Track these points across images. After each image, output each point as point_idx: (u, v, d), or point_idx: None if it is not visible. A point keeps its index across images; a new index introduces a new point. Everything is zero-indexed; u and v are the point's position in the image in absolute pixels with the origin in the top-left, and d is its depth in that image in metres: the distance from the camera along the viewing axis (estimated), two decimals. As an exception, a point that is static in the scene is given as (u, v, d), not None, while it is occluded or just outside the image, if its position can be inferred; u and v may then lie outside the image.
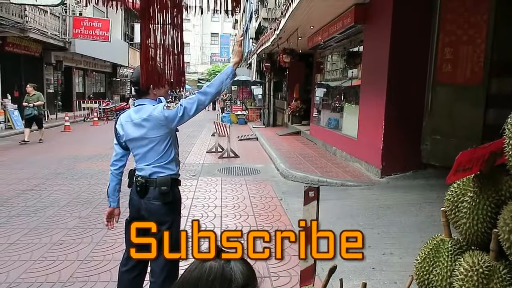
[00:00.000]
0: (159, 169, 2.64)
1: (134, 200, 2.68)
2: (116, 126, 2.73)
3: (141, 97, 2.70)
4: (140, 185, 2.61)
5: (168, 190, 2.62)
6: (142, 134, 2.62)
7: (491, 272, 1.43)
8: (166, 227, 2.63)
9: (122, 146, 2.75)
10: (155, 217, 2.60)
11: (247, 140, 13.85)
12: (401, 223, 4.97)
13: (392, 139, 7.23)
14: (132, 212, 2.72)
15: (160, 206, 2.61)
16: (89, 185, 6.95)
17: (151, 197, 2.61)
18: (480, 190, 1.56)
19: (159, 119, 2.58)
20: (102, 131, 16.12)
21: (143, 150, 2.64)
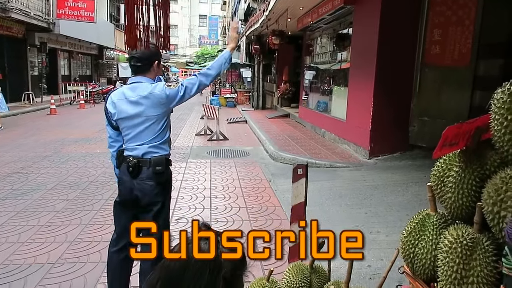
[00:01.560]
0: (154, 149, 2.60)
1: (125, 181, 2.60)
2: (107, 105, 2.64)
3: (139, 74, 2.63)
4: (132, 165, 2.54)
5: (163, 170, 2.59)
6: (139, 112, 2.55)
7: (474, 244, 1.46)
8: (158, 207, 2.64)
9: (113, 127, 2.68)
10: (148, 198, 2.59)
11: (236, 123, 13.81)
12: (388, 203, 5.05)
13: (380, 121, 7.28)
14: (124, 193, 2.65)
15: (153, 187, 2.58)
16: (76, 168, 6.88)
17: (144, 177, 2.56)
18: (466, 164, 1.59)
19: (160, 97, 2.55)
20: (89, 114, 15.90)
21: (138, 129, 2.57)
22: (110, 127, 2.70)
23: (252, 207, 5.03)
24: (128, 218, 2.65)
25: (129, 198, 2.62)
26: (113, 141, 2.73)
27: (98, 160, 7.55)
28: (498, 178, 1.42)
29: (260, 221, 4.53)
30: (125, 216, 2.67)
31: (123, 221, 2.67)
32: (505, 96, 1.46)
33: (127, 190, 2.61)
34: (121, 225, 2.70)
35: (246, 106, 19.53)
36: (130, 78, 2.69)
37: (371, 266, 3.48)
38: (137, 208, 2.65)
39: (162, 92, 2.54)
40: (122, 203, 2.68)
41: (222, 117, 12.10)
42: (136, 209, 2.65)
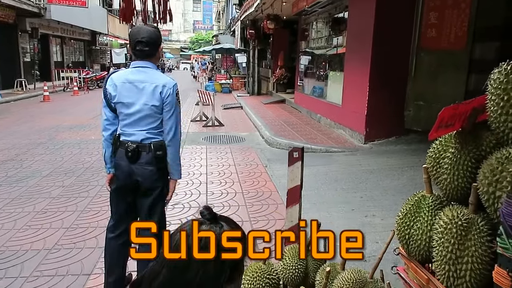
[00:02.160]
0: (153, 135, 2.55)
1: (123, 166, 2.54)
2: (107, 87, 2.54)
3: (144, 58, 2.54)
4: (131, 150, 2.49)
5: (163, 155, 2.55)
6: (141, 99, 2.48)
7: (469, 225, 1.47)
8: (158, 191, 2.62)
9: (111, 109, 2.58)
10: (149, 182, 2.56)
11: (232, 109, 13.75)
12: (383, 187, 5.07)
13: (376, 106, 7.27)
14: (122, 178, 2.59)
15: (154, 172, 2.54)
16: (71, 155, 6.84)
17: (143, 162, 2.52)
18: (461, 146, 1.58)
19: (162, 96, 2.50)
20: (82, 101, 15.76)
21: (138, 115, 2.51)
22: (108, 109, 2.59)
23: (248, 192, 5.04)
24: (126, 204, 2.65)
25: (128, 183, 2.58)
26: (109, 124, 2.62)
27: (93, 146, 7.50)
28: (493, 158, 1.42)
29: (256, 206, 4.54)
30: (122, 203, 2.65)
31: (121, 207, 2.66)
32: (502, 76, 1.45)
33: (125, 175, 2.56)
34: (119, 212, 2.68)
35: (241, 92, 19.43)
36: (133, 62, 2.58)
37: (366, 248, 3.51)
38: (135, 194, 2.62)
39: (167, 93, 2.49)
40: (119, 189, 2.64)
41: (217, 103, 12.03)
42: (134, 195, 2.63)
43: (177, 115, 2.56)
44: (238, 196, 4.88)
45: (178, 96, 2.57)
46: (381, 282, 1.66)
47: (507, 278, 1.31)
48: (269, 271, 1.84)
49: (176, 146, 2.59)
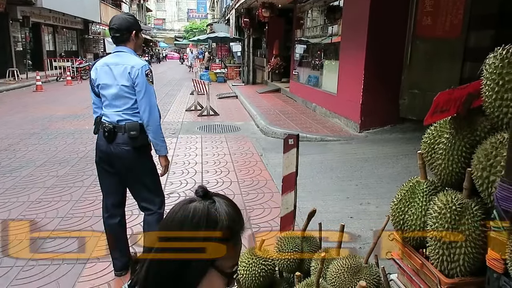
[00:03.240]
0: (128, 116, 2.67)
1: (102, 146, 2.71)
2: (91, 72, 2.74)
3: (119, 44, 2.70)
4: (108, 130, 2.65)
5: (137, 135, 2.66)
6: (114, 80, 2.63)
7: (463, 209, 1.48)
8: (138, 170, 2.75)
9: (95, 93, 2.77)
10: (128, 162, 2.69)
11: (227, 98, 13.69)
12: (378, 175, 5.10)
13: (371, 94, 7.27)
14: (102, 156, 2.75)
15: (130, 152, 2.67)
16: (65, 145, 6.80)
17: (120, 142, 2.66)
18: (456, 131, 1.59)
19: (131, 76, 2.60)
20: (76, 90, 15.61)
21: (113, 96, 2.66)
22: (93, 94, 2.79)
23: (244, 181, 5.04)
24: (113, 182, 2.80)
25: (107, 162, 2.73)
26: (96, 107, 2.83)
27: (87, 136, 7.45)
28: (488, 143, 1.42)
29: (252, 195, 4.55)
30: (109, 181, 2.81)
31: (109, 185, 2.83)
32: (497, 61, 1.45)
33: (103, 154, 2.73)
34: (108, 190, 2.85)
35: (236, 81, 19.33)
36: (113, 48, 2.75)
37: (361, 236, 3.54)
38: (119, 174, 2.75)
39: (135, 74, 2.60)
40: (101, 166, 2.78)
41: (212, 92, 11.97)
42: (117, 174, 2.76)
43: (150, 95, 2.65)
44: (233, 185, 4.88)
45: (150, 77, 2.66)
46: (376, 267, 1.68)
47: (500, 261, 1.32)
48: (264, 258, 1.84)
49: (154, 125, 2.67)
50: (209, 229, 0.90)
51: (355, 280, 1.57)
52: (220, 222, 0.91)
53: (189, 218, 0.91)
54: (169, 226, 0.94)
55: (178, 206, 0.96)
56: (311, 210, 1.86)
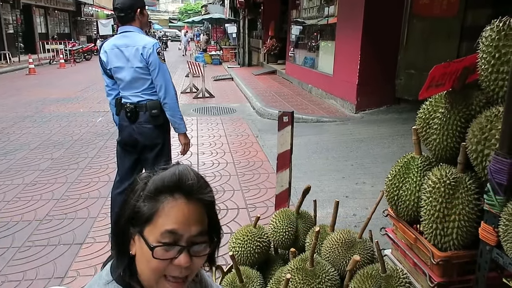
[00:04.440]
0: (148, 96, 2.70)
1: (125, 126, 2.77)
2: (100, 55, 2.72)
3: (125, 24, 2.67)
4: (130, 110, 2.69)
5: (159, 113, 2.71)
6: (128, 62, 2.62)
7: (457, 183, 1.48)
8: (159, 148, 2.80)
9: (108, 75, 2.77)
10: (149, 140, 2.75)
11: (222, 80, 13.58)
12: (373, 155, 5.11)
13: (367, 75, 7.22)
14: (124, 136, 2.80)
15: (152, 129, 2.73)
16: (60, 128, 6.74)
17: (142, 121, 2.71)
18: (451, 105, 1.57)
19: (144, 55, 2.59)
20: (70, 73, 15.41)
21: (129, 78, 2.65)
22: (106, 76, 2.80)
23: (240, 162, 5.04)
24: (131, 161, 2.87)
25: (130, 142, 2.78)
26: (110, 90, 2.84)
27: (82, 119, 7.40)
28: (483, 117, 1.41)
29: (248, 176, 4.55)
30: (128, 159, 2.87)
31: (126, 164, 2.88)
32: (494, 33, 1.43)
33: (127, 134, 2.77)
34: (124, 168, 2.89)
35: (232, 63, 19.15)
36: (119, 28, 2.72)
37: (356, 215, 3.57)
38: (139, 152, 2.82)
39: (147, 54, 2.59)
40: (123, 146, 2.84)
41: (207, 74, 11.84)
42: (138, 153, 2.83)
43: (164, 72, 2.66)
44: (229, 166, 4.88)
45: (161, 55, 2.67)
46: (370, 242, 1.69)
47: (492, 234, 1.33)
48: (259, 235, 1.85)
49: (171, 102, 2.69)
50: (130, 196, 0.91)
51: (349, 254, 1.58)
52: (143, 189, 0.89)
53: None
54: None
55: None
56: (305, 187, 1.86)
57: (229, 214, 3.61)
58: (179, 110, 2.79)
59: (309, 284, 1.48)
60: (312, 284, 1.48)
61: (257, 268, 1.84)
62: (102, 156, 5.20)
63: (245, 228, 1.89)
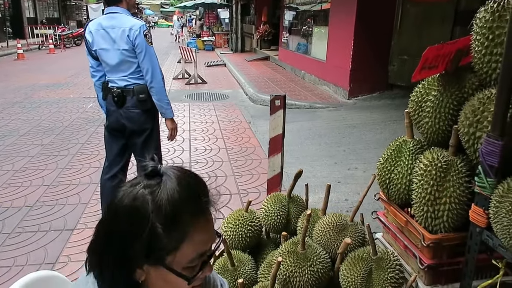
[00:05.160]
0: (135, 80, 2.64)
1: (112, 111, 2.70)
2: (86, 35, 2.65)
3: (112, 4, 2.60)
4: (117, 95, 2.63)
5: (147, 98, 2.65)
6: (114, 44, 2.55)
7: (448, 166, 1.48)
8: (147, 133, 2.75)
9: (93, 56, 2.70)
10: (137, 125, 2.70)
11: (215, 66, 13.46)
12: (366, 141, 5.12)
13: (360, 61, 7.19)
14: (111, 121, 2.74)
15: (140, 114, 2.67)
16: (49, 114, 6.65)
17: (129, 106, 2.65)
18: (444, 88, 1.56)
19: (130, 37, 2.52)
20: (59, 59, 15.16)
21: (115, 60, 2.59)
22: (91, 57, 2.72)
23: (232, 148, 5.02)
24: (119, 146, 2.82)
25: (117, 127, 2.73)
26: (94, 71, 2.77)
27: (72, 105, 7.30)
28: (475, 99, 1.40)
29: (240, 161, 4.54)
30: (116, 145, 2.81)
31: (115, 149, 2.82)
32: (488, 14, 1.41)
33: (114, 119, 2.71)
34: (113, 153, 2.84)
35: (224, 49, 18.96)
36: (106, 9, 2.64)
37: (348, 200, 3.58)
38: (127, 137, 2.77)
39: (134, 35, 2.53)
40: (111, 131, 2.79)
41: (200, 60, 11.74)
42: (126, 138, 2.78)
43: (151, 55, 2.60)
44: (222, 152, 4.86)
45: (148, 37, 2.60)
46: (361, 225, 1.69)
47: (483, 216, 1.33)
48: (251, 219, 1.84)
49: (158, 86, 2.63)
50: (136, 225, 0.74)
51: (341, 237, 1.58)
52: (153, 213, 0.74)
53: (116, 211, 0.78)
54: (108, 213, 0.82)
55: (120, 190, 0.81)
56: (297, 171, 1.85)
57: (221, 200, 3.57)
58: (166, 95, 2.73)
59: (300, 267, 1.48)
60: (304, 267, 1.48)
61: (248, 252, 1.83)
62: (93, 142, 5.15)
63: (236, 212, 1.88)
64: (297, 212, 1.88)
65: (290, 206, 1.89)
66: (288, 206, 1.88)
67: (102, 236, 0.81)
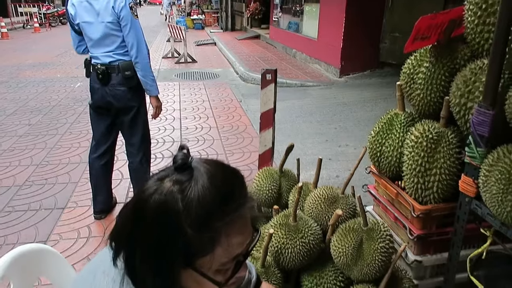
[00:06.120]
0: (120, 56, 2.57)
1: (96, 89, 2.63)
2: (68, 7, 2.55)
3: None
4: (101, 72, 2.54)
5: (133, 75, 2.58)
6: (98, 18, 2.47)
7: (439, 137, 1.48)
8: (134, 111, 2.69)
9: (76, 30, 2.61)
10: (123, 103, 2.63)
11: (205, 45, 13.25)
12: (357, 118, 5.13)
13: (351, 39, 7.13)
14: (96, 99, 2.67)
15: (126, 92, 2.60)
16: (36, 93, 6.52)
17: (115, 83, 2.57)
18: (436, 59, 1.55)
19: (114, 10, 2.45)
20: (45, 38, 14.80)
21: (99, 34, 2.50)
22: (73, 31, 2.64)
23: (223, 126, 4.99)
24: (106, 124, 2.76)
25: (102, 105, 2.67)
26: (78, 46, 2.71)
27: (59, 84, 7.16)
28: (467, 69, 1.40)
29: (231, 140, 4.53)
30: (102, 123, 2.75)
31: (101, 127, 2.77)
32: (482, -17, 1.38)
33: (99, 96, 2.64)
34: (100, 132, 2.79)
35: (214, 28, 18.64)
36: None
37: (339, 176, 3.61)
38: (114, 116, 2.72)
39: (119, 7, 2.44)
40: (96, 109, 2.73)
41: (190, 39, 11.54)
42: (112, 116, 2.73)
43: (137, 29, 2.53)
44: (213, 131, 4.84)
45: (134, 10, 2.53)
46: (352, 197, 1.70)
47: (472, 186, 1.34)
48: (243, 194, 1.84)
49: (143, 62, 2.56)
50: (163, 225, 0.68)
51: (332, 209, 1.59)
52: (183, 214, 0.67)
53: (143, 206, 0.70)
54: (130, 208, 0.74)
55: (146, 186, 0.72)
56: (288, 145, 1.84)
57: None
58: (151, 71, 2.65)
59: (291, 239, 1.49)
60: (295, 239, 1.49)
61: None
62: (82, 122, 5.08)
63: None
64: (288, 186, 1.88)
65: (281, 181, 1.89)
66: (280, 180, 1.88)
67: (129, 229, 0.72)
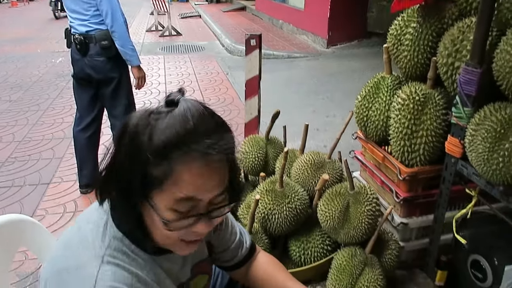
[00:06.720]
0: (96, 26, 2.50)
1: (76, 59, 2.59)
2: None
3: None
4: (79, 42, 2.50)
5: (110, 44, 2.52)
6: None
7: (426, 99, 1.46)
8: (115, 82, 2.64)
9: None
10: (103, 74, 2.58)
11: (190, 18, 12.93)
12: (344, 89, 5.10)
13: (339, 8, 7.01)
14: (77, 71, 2.64)
15: (105, 62, 2.55)
16: (16, 69, 6.32)
17: (93, 54, 2.52)
18: (424, 19, 1.51)
19: None
20: (23, 12, 14.26)
21: (75, 3, 2.45)
22: None
23: (210, 99, 4.92)
24: (89, 96, 2.71)
25: (84, 76, 2.62)
26: None
27: (40, 60, 6.94)
28: (455, 28, 1.37)
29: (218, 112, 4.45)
30: (85, 94, 2.70)
31: (84, 100, 2.72)
32: None
33: (79, 68, 2.60)
34: (83, 104, 2.74)
35: (199, 0, 18.17)
36: None
37: (326, 146, 3.60)
38: (96, 87, 2.67)
39: None
40: (78, 81, 2.68)
41: (174, 13, 11.24)
42: (94, 88, 2.67)
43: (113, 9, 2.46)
44: (199, 104, 4.76)
45: None
46: (339, 162, 1.69)
47: (458, 146, 1.34)
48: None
49: (120, 31, 2.50)
50: (134, 150, 0.68)
51: (318, 175, 1.58)
52: (148, 141, 0.67)
53: (123, 131, 0.71)
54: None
55: (138, 111, 0.73)
56: (274, 112, 1.81)
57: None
58: (129, 40, 2.58)
59: (278, 204, 1.48)
60: (282, 204, 1.48)
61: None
62: (64, 97, 4.95)
63: (214, 156, 1.84)
64: (275, 154, 1.86)
65: (268, 148, 1.87)
66: (266, 148, 1.86)
67: (111, 156, 0.74)
